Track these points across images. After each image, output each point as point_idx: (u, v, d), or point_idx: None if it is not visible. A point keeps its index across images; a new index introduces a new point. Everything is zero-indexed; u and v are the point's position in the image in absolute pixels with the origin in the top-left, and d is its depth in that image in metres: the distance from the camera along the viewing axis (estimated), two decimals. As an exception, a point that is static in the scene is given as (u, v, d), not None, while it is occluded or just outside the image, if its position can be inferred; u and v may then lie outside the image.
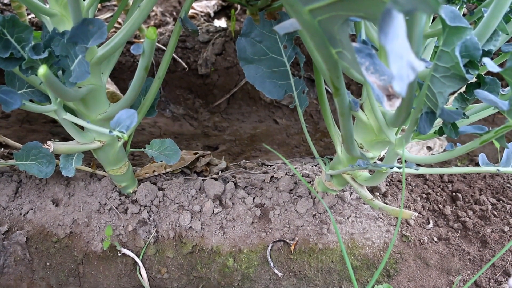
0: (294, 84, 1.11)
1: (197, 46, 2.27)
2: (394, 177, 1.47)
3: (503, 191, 1.42)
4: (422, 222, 1.32)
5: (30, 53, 0.77)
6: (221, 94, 2.26)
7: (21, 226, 1.28)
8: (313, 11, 0.40)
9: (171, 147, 1.20)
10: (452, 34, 0.58)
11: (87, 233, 1.27)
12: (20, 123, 1.97)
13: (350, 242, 1.26)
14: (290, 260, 1.26)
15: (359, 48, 0.41)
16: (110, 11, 2.54)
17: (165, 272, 1.28)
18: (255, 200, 1.32)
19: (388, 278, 1.24)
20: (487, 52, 0.69)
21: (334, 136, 1.15)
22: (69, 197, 1.31)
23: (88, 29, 0.76)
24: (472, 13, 0.93)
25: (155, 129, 2.10)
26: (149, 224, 1.28)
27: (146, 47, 0.87)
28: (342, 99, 0.67)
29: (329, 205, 1.30)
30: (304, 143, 2.10)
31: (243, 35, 1.06)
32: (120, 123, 0.81)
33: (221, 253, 1.26)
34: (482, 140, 0.78)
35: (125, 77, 2.20)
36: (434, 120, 0.73)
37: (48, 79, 0.73)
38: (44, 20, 0.93)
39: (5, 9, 2.29)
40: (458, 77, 0.62)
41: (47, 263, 1.27)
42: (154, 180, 1.38)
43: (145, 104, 1.14)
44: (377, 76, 0.40)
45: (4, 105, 0.84)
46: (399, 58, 0.33)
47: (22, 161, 1.18)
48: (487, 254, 1.24)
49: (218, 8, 2.66)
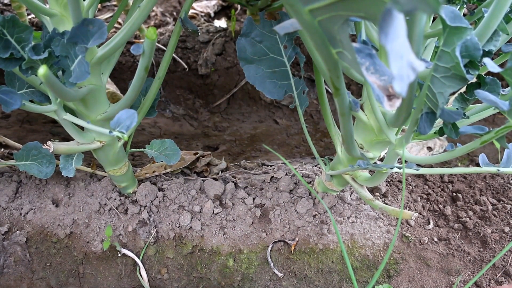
0: (294, 84, 1.11)
1: (197, 46, 2.27)
2: (395, 177, 1.47)
3: (504, 192, 1.42)
4: (423, 223, 1.32)
5: (30, 53, 0.77)
6: (221, 94, 2.26)
7: (21, 226, 1.27)
8: (313, 11, 0.40)
9: (171, 147, 1.20)
10: (453, 34, 0.58)
11: (87, 233, 1.27)
12: (20, 123, 1.97)
13: (350, 242, 1.26)
14: (290, 261, 1.26)
15: (359, 48, 0.41)
16: (110, 11, 2.54)
17: (165, 273, 1.28)
18: (255, 201, 1.32)
19: (389, 278, 1.24)
20: (487, 52, 0.69)
21: (334, 136, 1.15)
22: (69, 198, 1.31)
23: (88, 29, 0.76)
24: (472, 13, 0.93)
25: (155, 129, 2.10)
26: (149, 224, 1.28)
27: (146, 47, 0.86)
28: (342, 99, 0.67)
29: (329, 205, 1.30)
30: (304, 143, 2.10)
31: (243, 35, 1.06)
32: (120, 123, 0.81)
33: (221, 253, 1.26)
34: (482, 140, 0.78)
35: (125, 77, 2.20)
36: (434, 121, 0.73)
37: (48, 79, 0.73)
38: (44, 20, 0.93)
39: (5, 9, 2.29)
40: (459, 77, 0.62)
41: (47, 264, 1.27)
42: (154, 181, 1.38)
43: (145, 104, 1.14)
44: (377, 76, 0.40)
45: (4, 105, 0.84)
46: (399, 58, 0.33)
47: (22, 161, 1.18)
48: (488, 254, 1.24)
49: (218, 8, 2.66)
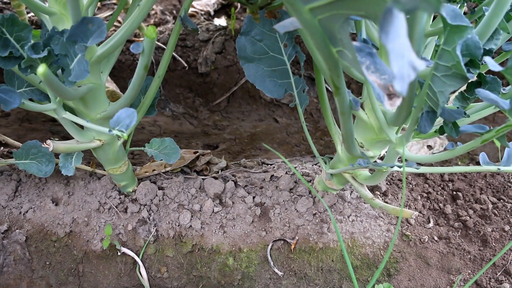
0: (294, 83, 1.10)
1: (197, 45, 2.26)
2: (395, 176, 1.47)
3: (504, 190, 1.42)
4: (423, 221, 1.32)
5: (30, 52, 0.76)
6: (221, 93, 2.26)
7: (20, 225, 1.27)
8: (313, 10, 0.40)
9: (171, 146, 1.19)
10: (453, 33, 0.58)
11: (87, 232, 1.27)
12: (20, 121, 1.97)
13: (350, 241, 1.25)
14: (290, 259, 1.26)
15: (360, 47, 0.41)
16: (110, 9, 2.54)
17: (165, 271, 1.28)
18: (255, 199, 1.32)
19: (389, 277, 1.24)
20: (488, 51, 0.69)
21: (335, 135, 1.14)
22: (69, 196, 1.31)
23: (87, 27, 0.76)
24: (473, 12, 0.93)
25: (155, 128, 2.10)
26: (149, 223, 1.28)
27: (146, 46, 0.86)
28: (342, 98, 0.67)
29: (329, 204, 1.30)
30: (304, 142, 2.09)
31: (243, 33, 1.05)
32: (119, 122, 0.81)
33: (221, 252, 1.26)
34: (483, 139, 0.78)
35: (124, 76, 2.20)
36: (435, 119, 0.73)
37: (48, 78, 0.73)
38: (43, 18, 0.92)
39: (4, 8, 2.29)
40: (459, 76, 0.61)
41: (47, 262, 1.27)
42: (154, 179, 1.38)
43: (144, 103, 1.13)
44: (377, 75, 0.40)
45: (3, 104, 0.84)
46: (400, 57, 0.32)
47: (22, 160, 1.18)
48: (488, 253, 1.24)
49: (218, 6, 2.66)
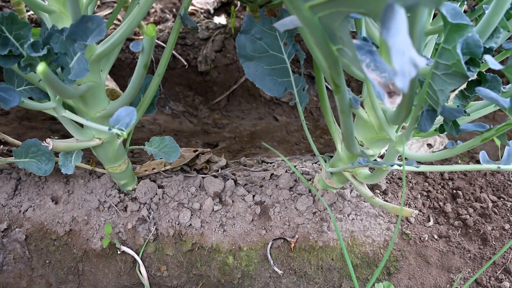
0: (294, 81, 1.10)
1: (197, 43, 2.26)
2: (395, 174, 1.47)
3: (504, 189, 1.42)
4: (423, 220, 1.32)
5: (29, 50, 0.76)
6: (221, 91, 2.26)
7: (20, 223, 1.27)
8: (313, 8, 0.40)
9: (171, 145, 1.19)
10: (454, 31, 0.57)
11: (87, 230, 1.27)
12: (20, 120, 1.96)
13: (350, 239, 1.26)
14: (290, 258, 1.26)
15: (360, 45, 0.41)
16: (110, 8, 2.53)
17: (165, 270, 1.28)
18: (255, 198, 1.32)
19: (389, 276, 1.24)
20: (488, 49, 0.69)
21: (335, 134, 1.14)
22: (69, 195, 1.31)
23: (87, 26, 0.76)
24: (473, 10, 0.92)
25: (155, 126, 2.10)
26: (148, 221, 1.28)
27: (146, 44, 0.86)
28: (342, 96, 0.67)
29: (329, 202, 1.29)
30: (304, 140, 2.09)
31: (243, 32, 1.05)
32: (119, 121, 0.81)
33: (221, 250, 1.26)
34: (483, 137, 0.78)
35: (124, 74, 2.20)
36: (435, 118, 0.73)
37: (47, 76, 0.73)
38: (43, 17, 0.92)
39: (4, 6, 2.28)
40: (459, 74, 0.61)
41: (47, 261, 1.27)
42: (153, 178, 1.38)
43: (144, 101, 1.13)
44: (378, 73, 0.40)
45: (3, 102, 0.84)
46: (401, 54, 0.32)
47: (21, 158, 1.18)
48: (488, 252, 1.24)
49: (217, 5, 2.66)
